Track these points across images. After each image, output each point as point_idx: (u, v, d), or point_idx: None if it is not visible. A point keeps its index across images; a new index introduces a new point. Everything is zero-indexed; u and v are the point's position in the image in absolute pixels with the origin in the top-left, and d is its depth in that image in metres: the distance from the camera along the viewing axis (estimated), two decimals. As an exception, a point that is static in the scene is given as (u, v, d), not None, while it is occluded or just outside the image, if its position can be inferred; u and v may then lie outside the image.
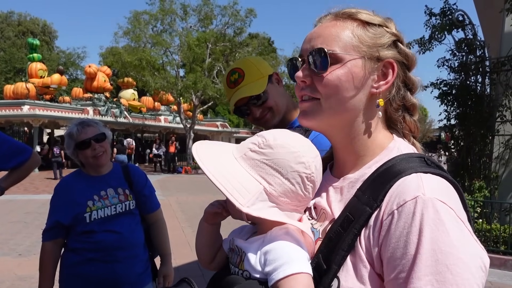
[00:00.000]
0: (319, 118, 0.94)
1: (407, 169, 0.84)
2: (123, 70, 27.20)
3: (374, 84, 0.92)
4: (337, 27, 0.93)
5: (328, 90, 0.91)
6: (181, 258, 6.37)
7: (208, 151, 0.93)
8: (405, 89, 0.97)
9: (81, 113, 25.49)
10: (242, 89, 1.82)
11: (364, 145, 0.95)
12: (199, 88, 25.42)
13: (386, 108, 0.96)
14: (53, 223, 2.45)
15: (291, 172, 0.88)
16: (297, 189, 0.89)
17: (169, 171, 25.85)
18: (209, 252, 1.07)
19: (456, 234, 0.74)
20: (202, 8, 27.77)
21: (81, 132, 2.48)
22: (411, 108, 0.99)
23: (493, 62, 7.41)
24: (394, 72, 0.92)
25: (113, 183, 2.56)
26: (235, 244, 0.95)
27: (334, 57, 0.90)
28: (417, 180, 0.81)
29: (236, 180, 0.86)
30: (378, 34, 0.93)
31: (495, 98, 7.24)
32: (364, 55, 0.91)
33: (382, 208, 0.81)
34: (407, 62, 0.96)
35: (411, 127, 0.99)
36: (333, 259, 0.83)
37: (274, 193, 0.87)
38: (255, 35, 39.59)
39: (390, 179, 0.83)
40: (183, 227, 9.27)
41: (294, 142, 0.91)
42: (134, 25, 26.36)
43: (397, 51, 0.94)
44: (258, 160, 0.89)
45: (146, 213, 2.68)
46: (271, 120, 1.84)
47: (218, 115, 46.54)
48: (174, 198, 13.74)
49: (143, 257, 2.59)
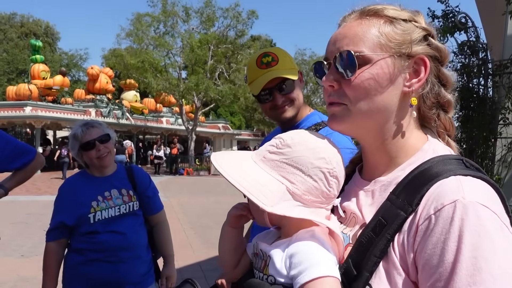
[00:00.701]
0: (350, 122, 0.90)
1: (444, 171, 0.79)
2: (125, 71, 27.27)
3: (406, 83, 0.88)
4: (362, 26, 0.88)
5: (357, 93, 0.87)
6: (183, 259, 6.37)
7: (227, 158, 0.92)
8: (438, 85, 0.92)
9: (83, 114, 25.53)
10: (277, 71, 1.81)
11: (396, 146, 0.91)
12: (201, 90, 25.46)
13: (419, 106, 0.92)
14: (57, 223, 2.46)
15: (312, 168, 0.86)
16: (320, 186, 0.87)
17: (171, 172, 25.86)
18: (233, 257, 1.05)
19: (500, 241, 0.69)
20: (204, 10, 27.82)
21: (86, 133, 2.50)
22: (445, 105, 0.94)
23: (496, 65, 7.40)
24: (427, 68, 0.87)
25: (117, 184, 2.57)
26: (260, 248, 0.93)
27: (362, 58, 0.86)
28: (456, 183, 0.76)
29: (258, 182, 0.85)
30: (406, 30, 0.88)
31: (498, 101, 7.23)
32: (393, 53, 0.86)
33: (418, 212, 0.77)
34: (439, 56, 0.91)
35: (446, 125, 0.94)
36: (364, 265, 0.79)
37: (297, 191, 0.85)
38: (257, 37, 39.76)
39: (426, 182, 0.79)
40: (185, 228, 9.27)
41: (312, 138, 0.90)
42: (136, 27, 26.41)
43: (428, 45, 0.89)
44: (277, 160, 0.88)
45: (149, 214, 2.69)
46: (287, 111, 1.85)
47: (220, 117, 46.56)
48: (176, 199, 13.73)
49: (146, 258, 2.60)
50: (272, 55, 1.85)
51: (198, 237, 8.53)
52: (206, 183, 20.61)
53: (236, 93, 26.63)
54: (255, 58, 1.88)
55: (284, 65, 1.84)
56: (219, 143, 37.90)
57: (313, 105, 33.68)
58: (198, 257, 6.92)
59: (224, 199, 14.06)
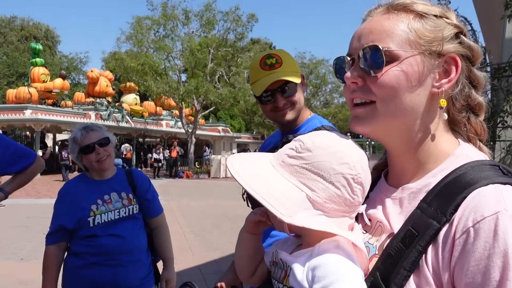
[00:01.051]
0: (375, 123, 0.84)
1: (481, 179, 0.73)
2: (125, 75, 27.30)
3: (435, 83, 0.82)
4: (390, 20, 0.83)
5: (385, 91, 0.81)
6: (183, 263, 6.37)
7: (243, 162, 0.86)
8: (469, 87, 0.86)
9: (83, 117, 25.55)
10: (280, 73, 1.83)
11: (425, 151, 0.85)
12: (201, 93, 25.48)
13: (448, 108, 0.85)
14: (57, 227, 2.46)
15: (334, 174, 0.79)
16: (343, 193, 0.80)
17: (171, 175, 25.85)
18: (250, 264, 1.00)
19: None
20: (204, 13, 27.87)
21: (85, 136, 2.51)
22: (476, 108, 0.88)
23: (494, 68, 7.42)
24: (458, 68, 0.82)
25: (117, 187, 2.58)
26: (279, 258, 0.87)
27: (389, 55, 0.80)
28: (496, 192, 0.70)
29: (275, 189, 0.79)
30: (437, 26, 0.82)
31: (496, 104, 7.25)
32: (423, 50, 0.80)
33: (453, 224, 0.71)
34: (471, 56, 0.85)
35: (477, 129, 0.88)
36: (393, 279, 0.74)
37: (318, 199, 0.79)
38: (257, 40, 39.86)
39: (461, 190, 0.73)
40: (185, 232, 9.27)
41: (334, 142, 0.83)
42: (136, 30, 26.44)
43: (459, 44, 0.83)
44: (297, 165, 0.81)
45: (149, 217, 2.70)
46: (288, 114, 1.87)
47: (219, 120, 46.61)
48: (175, 202, 13.73)
49: (146, 262, 2.60)
50: (276, 57, 1.86)
51: (198, 240, 8.53)
52: (206, 186, 20.60)
53: (236, 96, 26.65)
54: (259, 59, 1.89)
55: (287, 68, 1.85)
56: (219, 146, 37.91)
57: (312, 108, 33.70)
58: (198, 261, 6.91)
59: (224, 202, 14.07)
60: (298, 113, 1.89)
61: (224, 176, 26.17)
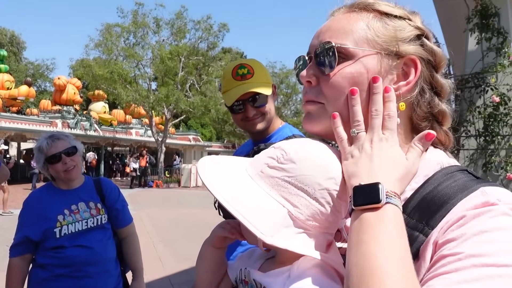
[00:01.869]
0: (326, 124, 0.79)
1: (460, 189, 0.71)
2: (94, 82, 26.83)
3: (392, 85, 0.77)
4: (350, 18, 0.80)
5: (336, 92, 0.77)
6: (152, 273, 6.26)
7: (216, 169, 0.78)
8: (431, 93, 0.80)
9: (49, 125, 24.89)
10: (252, 84, 1.84)
11: None
12: (171, 101, 25.31)
13: (410, 115, 0.81)
14: (22, 238, 2.39)
15: (319, 190, 0.73)
16: (327, 210, 0.73)
17: (140, 185, 25.44)
18: (212, 279, 0.93)
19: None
20: (175, 22, 27.79)
21: (51, 146, 2.45)
22: (439, 116, 0.83)
23: (458, 79, 7.68)
24: (417, 70, 0.78)
25: (85, 197, 2.53)
26: (252, 278, 0.80)
27: (344, 52, 0.77)
28: (483, 193, 0.68)
29: (255, 204, 0.72)
30: (398, 26, 0.79)
31: (460, 114, 7.50)
32: (381, 50, 0.77)
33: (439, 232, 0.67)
34: (433, 61, 0.81)
35: (441, 138, 0.84)
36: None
37: (300, 216, 0.72)
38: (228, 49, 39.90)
39: (446, 199, 0.70)
40: (154, 242, 9.12)
41: (319, 153, 0.76)
42: (106, 37, 26.11)
43: (421, 47, 0.79)
44: (278, 178, 0.74)
45: (118, 227, 2.65)
46: (259, 124, 1.88)
47: (190, 128, 46.31)
48: (145, 212, 13.50)
49: (114, 272, 2.55)
50: (248, 67, 1.88)
51: (168, 250, 8.41)
52: (176, 196, 20.37)
53: (207, 105, 26.59)
54: (231, 69, 1.90)
55: (258, 79, 1.87)
56: (189, 155, 37.59)
57: (283, 117, 33.94)
58: (168, 271, 6.82)
59: (194, 211, 13.93)
60: (268, 123, 1.91)
61: (195, 185, 25.95)
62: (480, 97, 7.01)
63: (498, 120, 6.77)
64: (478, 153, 7.12)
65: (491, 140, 6.86)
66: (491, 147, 6.91)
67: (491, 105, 6.82)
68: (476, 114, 7.00)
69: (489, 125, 6.83)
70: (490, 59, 6.92)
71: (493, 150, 6.89)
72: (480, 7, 6.95)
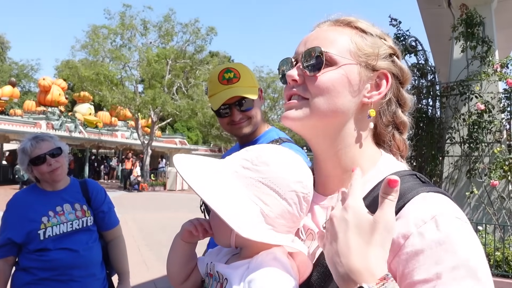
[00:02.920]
0: (306, 119, 0.88)
1: (407, 190, 0.80)
2: (79, 84, 26.52)
3: (366, 94, 0.89)
4: (335, 31, 0.91)
5: (320, 91, 0.87)
6: (137, 277, 6.20)
7: (193, 167, 0.84)
8: (396, 105, 0.93)
9: (34, 127, 24.52)
10: (238, 89, 1.84)
11: (351, 158, 0.90)
12: (157, 104, 25.13)
13: (376, 122, 0.92)
14: (5, 240, 2.34)
15: (289, 192, 0.81)
16: (293, 210, 0.82)
17: (125, 188, 25.19)
18: (182, 271, 0.99)
19: (477, 246, 0.74)
20: (162, 24, 27.66)
21: (35, 147, 2.41)
22: (400, 126, 0.95)
23: (443, 87, 7.79)
24: (388, 83, 0.89)
25: (70, 198, 2.49)
26: (216, 270, 0.87)
27: (329, 59, 0.87)
28: (426, 201, 0.78)
29: (232, 201, 0.79)
30: (375, 44, 0.90)
31: (445, 121, 7.59)
32: (360, 62, 0.88)
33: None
34: (401, 77, 0.93)
35: (400, 145, 0.96)
36: (327, 287, 0.77)
37: (271, 214, 0.80)
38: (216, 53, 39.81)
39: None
40: (139, 245, 9.05)
41: (290, 158, 0.86)
42: (92, 39, 25.85)
43: (392, 64, 0.92)
44: (252, 178, 0.81)
45: (104, 230, 2.62)
46: (245, 128, 1.88)
47: (176, 132, 46.05)
48: (130, 216, 13.36)
49: (100, 276, 2.51)
50: (235, 71, 1.87)
51: (153, 254, 8.34)
52: (162, 199, 20.23)
53: (194, 108, 26.48)
54: (217, 72, 1.90)
55: (245, 83, 1.87)
56: (175, 158, 37.40)
57: (270, 122, 33.99)
58: (153, 275, 6.76)
59: (180, 215, 13.82)
60: (254, 127, 1.91)
61: (181, 188, 25.79)
62: (464, 104, 7.11)
63: (482, 127, 6.87)
64: (462, 159, 7.21)
65: (475, 147, 6.96)
66: (475, 154, 7.01)
67: (475, 113, 6.93)
68: (461, 121, 7.10)
69: (473, 132, 6.92)
70: (474, 67, 7.03)
71: (477, 157, 6.99)
72: (466, 16, 7.06)
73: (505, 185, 6.87)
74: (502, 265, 6.14)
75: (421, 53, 7.78)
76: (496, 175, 6.52)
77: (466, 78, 7.07)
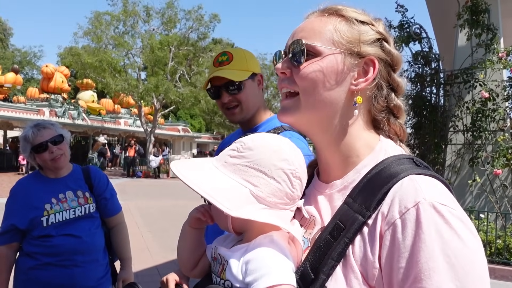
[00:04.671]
0: (299, 114, 0.92)
1: (398, 172, 0.81)
2: (82, 71, 26.42)
3: (353, 81, 0.89)
4: (321, 21, 0.92)
5: (305, 83, 0.89)
6: (140, 263, 6.26)
7: (187, 164, 0.90)
8: (388, 90, 0.93)
9: (37, 114, 24.56)
10: (223, 71, 1.83)
11: (347, 145, 0.92)
12: (160, 91, 25.08)
13: (369, 108, 0.93)
14: (9, 226, 2.37)
15: (275, 170, 0.85)
16: (284, 187, 0.86)
17: (128, 175, 25.30)
18: (191, 257, 1.02)
19: (465, 235, 0.73)
20: (165, 11, 27.48)
21: (37, 135, 2.41)
22: (395, 110, 0.95)
23: (447, 75, 7.74)
24: (375, 69, 0.89)
25: (73, 185, 2.51)
26: (218, 253, 0.91)
27: (313, 50, 0.89)
28: (413, 184, 0.78)
29: (220, 186, 0.83)
30: (361, 30, 0.90)
31: (448, 109, 7.56)
32: (344, 50, 0.88)
33: (378, 217, 0.78)
34: (391, 61, 0.93)
35: (396, 130, 0.96)
36: (321, 268, 0.80)
37: (261, 194, 0.84)
38: (219, 40, 39.69)
39: (382, 185, 0.80)
40: (142, 232, 9.11)
41: (273, 140, 0.89)
42: (95, 25, 25.73)
43: (381, 49, 0.91)
44: (239, 164, 0.86)
45: (106, 216, 2.64)
46: (236, 114, 1.86)
47: (179, 119, 46.06)
48: (133, 202, 13.45)
49: (103, 262, 2.54)
50: (229, 54, 1.87)
51: (156, 240, 8.41)
52: (165, 186, 20.32)
53: (197, 96, 26.42)
54: (214, 56, 1.92)
55: (235, 66, 1.84)
56: (178, 146, 37.49)
57: (273, 110, 33.91)
58: (156, 261, 6.82)
59: (183, 202, 13.89)
60: (248, 113, 1.87)
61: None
62: (468, 92, 7.07)
63: (486, 115, 6.84)
64: (465, 148, 7.20)
65: (478, 135, 6.93)
66: (478, 142, 6.99)
67: (479, 101, 6.89)
68: (464, 109, 7.07)
69: (477, 121, 6.89)
70: (479, 55, 6.97)
71: (480, 145, 6.97)
72: (471, 3, 6.98)
73: (508, 174, 6.86)
74: (503, 253, 6.16)
75: (425, 40, 7.72)
76: (499, 163, 6.51)
77: (471, 66, 7.01)
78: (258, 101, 1.91)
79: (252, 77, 1.87)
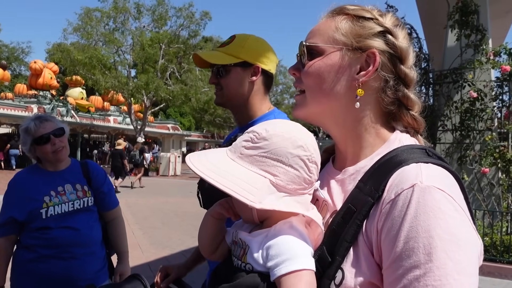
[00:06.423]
0: (307, 109, 0.98)
1: (408, 159, 0.84)
2: (72, 67, 26.17)
3: (355, 75, 0.92)
4: (326, 22, 0.97)
5: (309, 81, 0.95)
6: (132, 260, 6.18)
7: (202, 159, 0.90)
8: (395, 82, 0.93)
9: (25, 110, 24.29)
10: (213, 52, 1.79)
11: (360, 137, 0.95)
12: (151, 89, 24.97)
13: (378, 101, 0.94)
14: (7, 219, 2.38)
15: (292, 158, 0.87)
16: (302, 173, 0.88)
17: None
18: (212, 243, 1.06)
19: (454, 221, 0.73)
20: (156, 8, 27.34)
21: (39, 127, 2.43)
22: (405, 102, 0.95)
23: (436, 74, 7.84)
24: (376, 62, 0.90)
25: (71, 179, 2.53)
26: (239, 237, 0.94)
27: (315, 49, 0.94)
28: (416, 169, 0.80)
29: (240, 179, 0.84)
30: (363, 26, 0.92)
31: (438, 108, 7.66)
32: (346, 46, 0.92)
33: (382, 197, 0.81)
34: (397, 53, 0.92)
35: (410, 121, 0.96)
36: (337, 251, 0.83)
37: (281, 183, 0.86)
38: (209, 38, 39.54)
39: (391, 169, 0.83)
40: (133, 229, 9.10)
41: (286, 128, 0.91)
42: (85, 22, 25.52)
43: (384, 42, 0.92)
44: (256, 155, 0.88)
45: (104, 210, 2.66)
46: (218, 96, 1.81)
47: (169, 117, 45.87)
48: (123, 200, 13.36)
49: (100, 255, 2.57)
50: (233, 38, 1.80)
51: (147, 237, 8.41)
52: (155, 184, 20.25)
53: (187, 94, 26.35)
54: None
55: (229, 50, 1.76)
56: (168, 144, 37.29)
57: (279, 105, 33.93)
58: (147, 258, 6.83)
59: (173, 200, 13.92)
60: (230, 100, 1.78)
61: (173, 174, 25.81)
62: (457, 92, 7.18)
63: (474, 115, 6.96)
64: (454, 146, 7.31)
65: (466, 134, 7.05)
66: (467, 141, 7.10)
67: (468, 101, 7.00)
68: (453, 109, 7.18)
69: (465, 120, 7.01)
70: (468, 56, 7.08)
71: (468, 144, 7.09)
72: (461, 4, 7.09)
73: (495, 172, 6.98)
74: (490, 250, 6.28)
75: (415, 40, 7.81)
76: (486, 162, 6.63)
77: (460, 66, 7.12)
78: (247, 92, 1.77)
79: (244, 65, 1.75)
